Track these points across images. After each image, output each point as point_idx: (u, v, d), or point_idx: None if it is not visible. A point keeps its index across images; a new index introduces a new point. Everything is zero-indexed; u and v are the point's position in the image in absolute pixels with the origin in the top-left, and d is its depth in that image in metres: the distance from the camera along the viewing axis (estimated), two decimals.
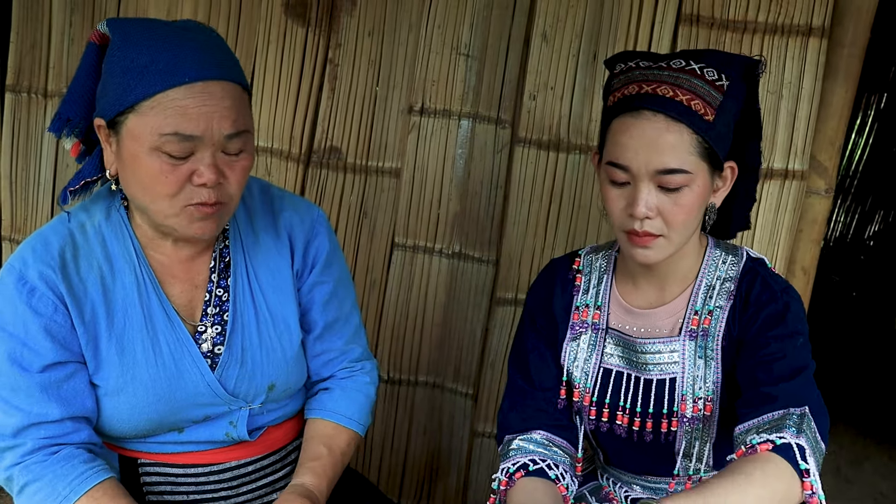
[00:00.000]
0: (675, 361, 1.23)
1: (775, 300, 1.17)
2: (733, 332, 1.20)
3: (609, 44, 1.74)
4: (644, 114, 1.10)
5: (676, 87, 1.10)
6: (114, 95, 1.02)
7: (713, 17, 1.68)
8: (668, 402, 1.22)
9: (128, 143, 1.03)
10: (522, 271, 1.87)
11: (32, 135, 2.15)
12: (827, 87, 1.67)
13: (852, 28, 1.64)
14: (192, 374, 1.15)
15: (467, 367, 1.96)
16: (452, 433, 2.00)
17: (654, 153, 1.09)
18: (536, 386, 1.30)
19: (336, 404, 1.28)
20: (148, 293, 1.14)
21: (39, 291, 1.06)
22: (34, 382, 1.07)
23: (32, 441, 1.07)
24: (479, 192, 1.88)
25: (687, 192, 1.11)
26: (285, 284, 1.24)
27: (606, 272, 1.30)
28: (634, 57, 1.18)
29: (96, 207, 1.16)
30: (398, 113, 1.90)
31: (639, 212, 1.11)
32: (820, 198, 1.73)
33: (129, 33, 1.03)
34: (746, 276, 1.22)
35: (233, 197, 1.09)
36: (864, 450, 3.16)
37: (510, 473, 1.24)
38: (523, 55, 1.81)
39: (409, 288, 1.95)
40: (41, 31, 2.09)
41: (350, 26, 1.87)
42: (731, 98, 1.13)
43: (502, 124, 1.84)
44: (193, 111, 1.00)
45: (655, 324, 1.24)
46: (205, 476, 1.21)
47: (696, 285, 1.23)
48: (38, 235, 1.11)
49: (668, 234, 1.13)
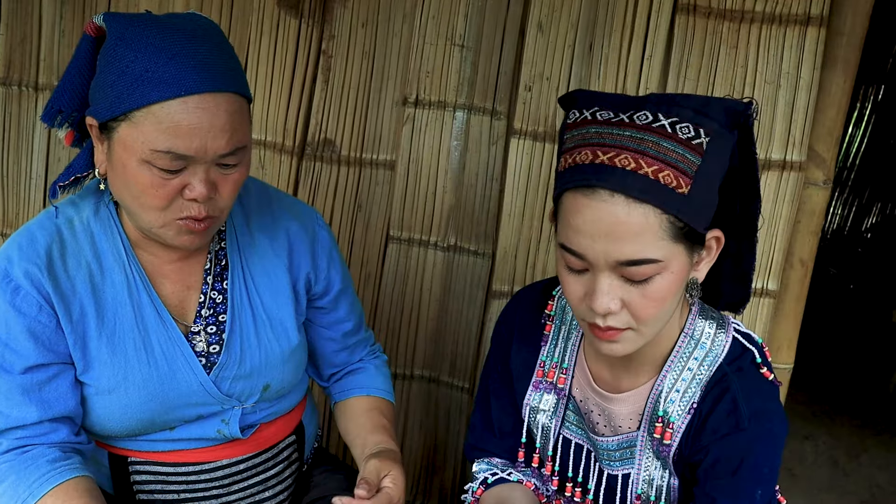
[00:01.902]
0: (631, 458, 1.09)
1: (737, 434, 0.98)
2: (684, 451, 1.04)
3: (605, 34, 1.72)
4: (600, 193, 0.88)
5: (640, 154, 0.87)
6: (107, 100, 0.99)
7: (710, 7, 1.66)
8: (619, 498, 1.12)
9: (118, 151, 1.00)
10: (518, 264, 1.85)
11: (24, 128, 2.13)
12: (825, 77, 1.65)
13: (851, 17, 1.63)
14: (185, 374, 1.13)
15: (463, 360, 1.95)
16: (449, 427, 1.99)
17: (613, 243, 0.88)
18: (496, 433, 1.24)
19: (375, 381, 1.37)
20: (138, 292, 1.12)
21: (24, 290, 1.04)
22: (15, 384, 1.04)
23: (8, 442, 1.05)
24: (474, 184, 1.87)
25: (658, 281, 0.91)
26: (281, 286, 1.22)
27: (576, 329, 1.14)
28: (594, 101, 0.94)
29: (85, 203, 1.13)
30: (392, 105, 1.88)
31: (599, 307, 0.92)
32: (818, 189, 1.71)
33: (125, 33, 0.98)
34: (715, 387, 1.01)
35: (223, 210, 1.06)
36: (862, 442, 3.16)
37: (474, 491, 1.22)
38: (519, 46, 1.80)
39: (405, 281, 1.94)
40: (31, 25, 2.07)
41: (343, 17, 1.85)
42: (712, 157, 0.90)
43: (497, 116, 1.83)
44: (187, 128, 0.96)
45: (616, 412, 1.10)
46: (195, 475, 1.19)
47: (660, 377, 1.05)
48: (25, 232, 1.09)
49: (636, 328, 0.95)
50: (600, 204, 0.88)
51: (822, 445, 3.09)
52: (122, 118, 0.98)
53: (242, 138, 1.03)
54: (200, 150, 0.98)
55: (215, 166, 1.02)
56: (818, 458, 3.00)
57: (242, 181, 1.07)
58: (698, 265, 0.98)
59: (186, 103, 0.96)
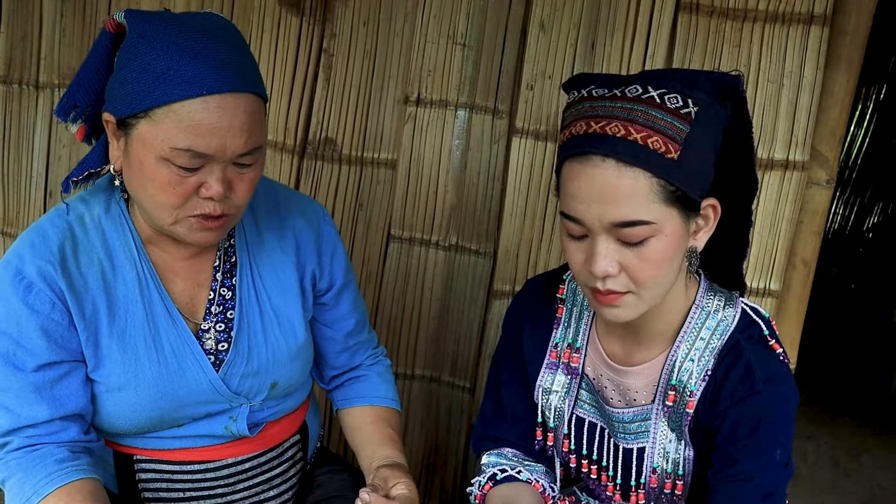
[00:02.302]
0: (646, 431, 1.12)
1: (753, 397, 1.02)
2: (700, 419, 1.08)
3: (607, 33, 1.72)
4: (592, 159, 0.94)
5: (629, 122, 0.93)
6: (126, 96, 0.99)
7: (713, 6, 1.66)
8: (635, 472, 1.14)
9: (136, 148, 1.00)
10: (520, 263, 1.85)
11: (24, 127, 2.12)
12: (828, 77, 1.65)
13: (854, 16, 1.62)
14: (195, 372, 1.13)
15: (464, 360, 1.94)
16: (450, 427, 1.99)
17: (606, 205, 0.93)
18: (508, 419, 1.25)
19: (377, 390, 1.36)
20: (149, 289, 1.12)
21: (37, 288, 1.03)
22: (27, 382, 1.04)
23: (19, 440, 1.06)
24: (476, 183, 1.86)
25: (653, 244, 0.95)
26: (289, 283, 1.22)
27: (588, 309, 1.18)
28: (590, 81, 1.01)
29: (95, 199, 1.13)
30: (394, 103, 1.87)
31: (597, 270, 0.96)
32: (821, 189, 1.71)
33: (147, 31, 0.98)
34: (728, 354, 1.05)
35: (239, 208, 1.07)
36: (863, 442, 3.16)
37: (482, 485, 1.22)
38: (520, 44, 1.79)
39: (406, 280, 1.93)
40: (32, 23, 2.07)
41: (345, 16, 1.85)
42: (702, 125, 0.95)
43: (499, 115, 1.82)
44: (207, 127, 0.97)
45: (630, 384, 1.13)
46: (201, 473, 1.19)
47: (674, 348, 1.09)
48: (36, 229, 1.08)
49: (636, 291, 0.99)
50: (593, 169, 0.94)
51: (823, 445, 3.09)
52: (142, 115, 0.98)
53: (259, 138, 1.04)
54: (220, 149, 0.99)
55: (232, 165, 1.02)
56: (819, 458, 2.99)
57: (257, 180, 1.08)
58: (696, 234, 1.02)
59: (207, 102, 0.97)
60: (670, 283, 1.02)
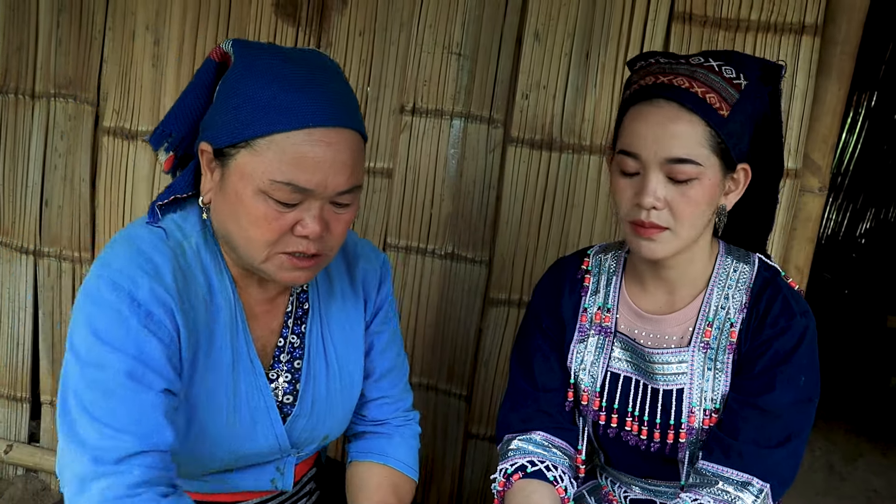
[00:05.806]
0: (684, 372, 1.20)
1: (791, 328, 1.15)
2: (743, 347, 1.18)
3: (602, 42, 1.73)
4: (658, 102, 1.10)
5: (693, 79, 1.10)
6: (228, 126, 0.95)
7: (706, 15, 1.67)
8: (675, 413, 1.21)
9: (234, 180, 0.96)
10: (516, 272, 1.86)
11: (20, 136, 2.12)
12: (820, 85, 1.67)
13: (845, 25, 1.64)
14: (265, 427, 1.09)
15: (461, 368, 1.95)
16: (446, 435, 1.99)
17: (664, 141, 1.08)
18: (539, 387, 1.28)
19: (398, 451, 1.25)
20: (237, 334, 1.06)
21: (157, 317, 0.95)
22: (156, 402, 0.94)
23: (140, 471, 0.91)
24: (471, 192, 1.87)
25: (696, 186, 1.09)
26: (356, 337, 1.19)
27: (616, 273, 1.28)
28: (656, 55, 1.19)
29: (189, 228, 1.05)
30: (390, 113, 1.88)
31: (646, 201, 1.10)
32: (814, 196, 1.72)
33: (253, 63, 0.96)
34: (767, 289, 1.19)
35: (333, 249, 1.03)
36: (858, 447, 3.17)
37: (508, 474, 1.23)
38: (515, 54, 1.80)
39: (402, 289, 1.94)
40: (28, 33, 2.07)
41: (341, 25, 1.86)
42: (748, 98, 1.12)
43: (494, 124, 1.83)
44: (310, 161, 0.93)
45: (665, 331, 1.23)
46: None
47: (707, 292, 1.21)
48: (139, 253, 0.98)
49: (674, 228, 1.11)
50: (658, 110, 1.10)
51: (818, 450, 3.10)
52: (243, 145, 0.95)
53: (359, 178, 1.01)
54: (321, 184, 0.95)
55: (329, 204, 0.99)
56: (815, 463, 3.00)
57: (352, 221, 1.04)
58: (727, 195, 1.16)
59: (312, 135, 0.94)
60: (702, 228, 1.15)
